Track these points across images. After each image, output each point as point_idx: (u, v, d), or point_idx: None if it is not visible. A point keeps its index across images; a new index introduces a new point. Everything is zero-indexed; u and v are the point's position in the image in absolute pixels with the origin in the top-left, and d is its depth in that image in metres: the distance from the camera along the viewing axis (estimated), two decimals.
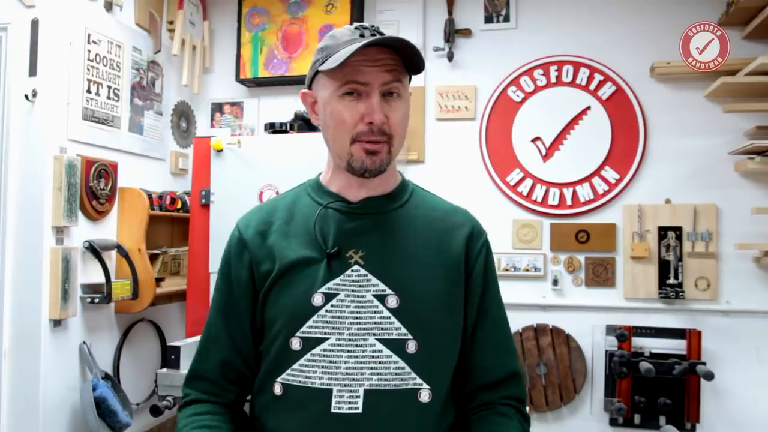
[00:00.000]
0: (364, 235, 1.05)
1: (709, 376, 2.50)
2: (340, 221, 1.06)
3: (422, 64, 1.03)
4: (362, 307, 1.01)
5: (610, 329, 2.73)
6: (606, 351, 2.75)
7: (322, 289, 1.02)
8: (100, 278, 2.38)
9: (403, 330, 1.00)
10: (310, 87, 1.10)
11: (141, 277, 2.51)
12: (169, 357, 2.14)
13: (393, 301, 1.01)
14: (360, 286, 1.02)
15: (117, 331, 2.63)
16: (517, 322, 2.84)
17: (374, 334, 1.00)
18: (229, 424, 1.07)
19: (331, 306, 1.01)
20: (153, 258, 2.73)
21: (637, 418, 2.68)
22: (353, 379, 0.98)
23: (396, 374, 0.99)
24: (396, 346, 0.99)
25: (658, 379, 2.61)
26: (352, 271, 1.02)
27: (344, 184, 1.09)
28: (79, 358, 2.38)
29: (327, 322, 1.00)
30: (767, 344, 2.63)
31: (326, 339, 1.00)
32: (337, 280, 1.02)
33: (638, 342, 2.70)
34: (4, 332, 2.20)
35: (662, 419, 2.65)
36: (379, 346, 0.99)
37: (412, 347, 1.00)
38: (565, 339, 2.79)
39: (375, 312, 1.00)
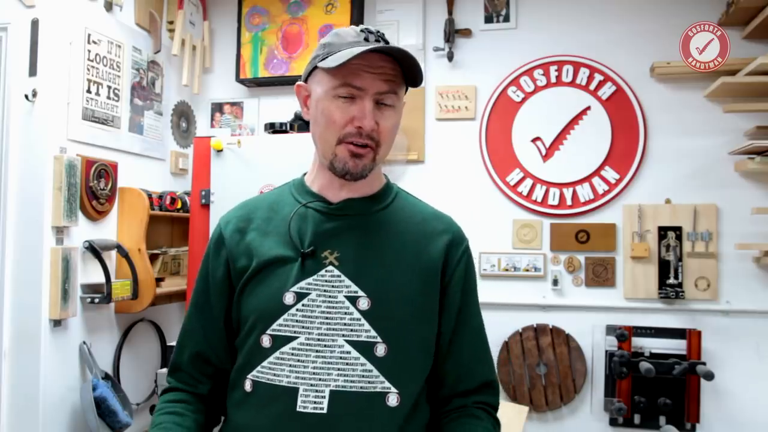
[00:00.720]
0: (341, 236, 1.05)
1: (709, 376, 2.50)
2: (319, 221, 1.06)
3: (420, 79, 1.03)
4: (333, 307, 1.00)
5: (610, 329, 2.74)
6: (606, 351, 2.75)
7: (294, 288, 1.02)
8: (100, 278, 2.38)
9: (373, 333, 0.99)
10: (306, 80, 1.10)
11: (141, 277, 2.51)
12: (169, 357, 2.14)
13: (364, 303, 1.00)
14: (332, 286, 1.01)
15: (117, 331, 2.63)
16: (517, 322, 2.84)
17: (343, 335, 0.99)
18: (197, 414, 1.09)
19: (302, 305, 1.01)
20: (153, 258, 2.73)
21: (637, 418, 2.68)
22: (320, 379, 0.98)
23: (363, 376, 0.98)
24: (364, 348, 0.99)
25: (658, 379, 2.61)
26: (326, 271, 1.02)
27: (326, 184, 1.09)
28: (79, 358, 2.38)
29: (297, 321, 1.00)
30: (767, 344, 2.64)
31: (295, 338, 1.00)
32: (309, 280, 1.02)
33: (638, 342, 2.70)
34: (4, 332, 2.20)
35: (662, 419, 2.65)
36: (348, 347, 0.99)
37: (381, 350, 0.99)
38: (565, 339, 2.79)
39: (345, 313, 1.00)
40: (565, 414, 2.81)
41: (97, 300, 2.37)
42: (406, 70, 1.02)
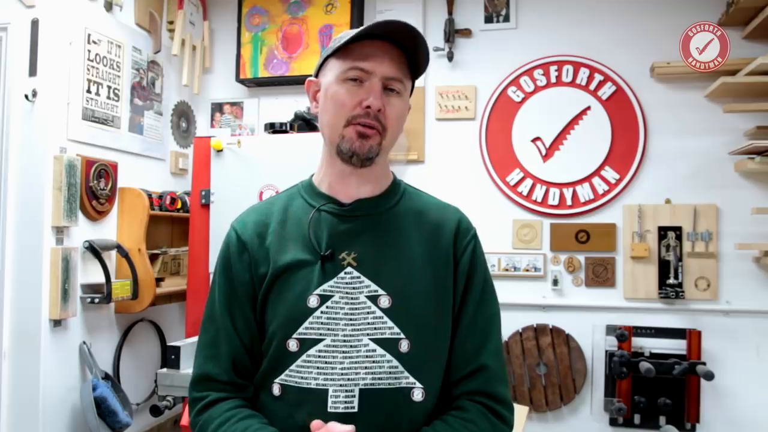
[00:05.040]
0: (356, 237, 1.06)
1: (709, 376, 2.50)
2: (333, 223, 1.07)
3: (426, 62, 1.06)
4: (356, 308, 1.02)
5: (610, 329, 2.74)
6: (606, 351, 2.75)
7: (317, 291, 1.03)
8: (100, 278, 2.38)
9: (396, 329, 1.01)
10: (317, 76, 1.12)
11: (141, 277, 2.51)
12: (169, 357, 2.14)
13: (385, 302, 1.02)
14: (353, 287, 1.03)
15: (117, 331, 2.63)
16: (517, 322, 2.84)
17: (368, 335, 1.01)
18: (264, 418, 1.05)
19: (326, 308, 1.02)
20: (153, 258, 2.73)
21: (637, 418, 2.68)
22: (348, 379, 0.99)
23: (390, 373, 1.00)
24: (389, 345, 1.00)
25: (658, 379, 2.61)
26: (345, 273, 1.04)
27: (335, 181, 1.10)
28: (79, 358, 2.38)
29: (323, 323, 1.02)
30: (767, 344, 2.64)
31: (322, 340, 1.01)
32: (331, 282, 1.03)
33: (638, 342, 2.70)
34: (4, 332, 2.20)
35: (662, 419, 2.65)
36: (373, 345, 1.00)
37: (404, 346, 1.01)
38: (565, 339, 2.79)
39: (368, 313, 1.02)
40: (565, 414, 2.81)
41: (97, 300, 2.37)
42: (411, 58, 1.05)
